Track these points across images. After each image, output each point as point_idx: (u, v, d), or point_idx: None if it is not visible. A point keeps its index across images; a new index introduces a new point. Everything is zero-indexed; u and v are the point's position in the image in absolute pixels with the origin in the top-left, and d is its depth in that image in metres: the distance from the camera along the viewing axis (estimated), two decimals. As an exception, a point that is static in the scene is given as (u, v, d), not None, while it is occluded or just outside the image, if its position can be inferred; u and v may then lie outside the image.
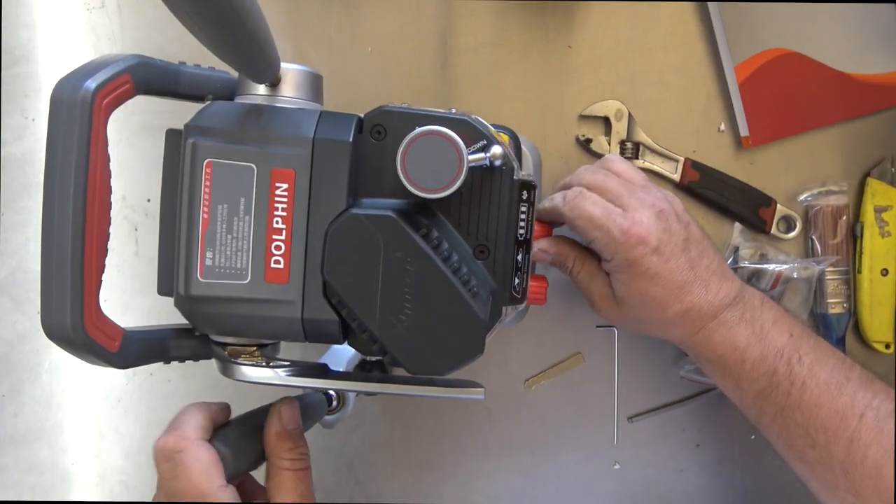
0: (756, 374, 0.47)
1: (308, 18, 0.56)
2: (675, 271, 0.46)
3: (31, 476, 0.58)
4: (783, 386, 0.46)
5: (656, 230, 0.45)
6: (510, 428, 0.60)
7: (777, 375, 0.46)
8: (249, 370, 0.39)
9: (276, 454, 0.41)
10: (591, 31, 0.57)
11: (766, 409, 0.47)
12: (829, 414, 0.45)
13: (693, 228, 0.48)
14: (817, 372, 0.45)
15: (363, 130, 0.39)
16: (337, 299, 0.37)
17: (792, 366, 0.46)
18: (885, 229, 0.57)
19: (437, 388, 0.41)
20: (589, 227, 0.46)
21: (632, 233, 0.45)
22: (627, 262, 0.45)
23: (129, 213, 0.57)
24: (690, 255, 0.46)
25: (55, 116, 0.33)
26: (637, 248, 0.45)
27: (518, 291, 0.42)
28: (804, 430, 0.46)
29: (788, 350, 0.46)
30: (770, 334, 0.47)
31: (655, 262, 0.45)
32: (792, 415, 0.46)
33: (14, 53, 0.56)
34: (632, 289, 0.47)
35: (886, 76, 0.58)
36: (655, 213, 0.46)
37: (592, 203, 0.46)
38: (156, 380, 0.58)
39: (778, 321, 0.47)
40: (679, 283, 0.46)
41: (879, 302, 0.58)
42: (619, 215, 0.45)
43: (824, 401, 0.45)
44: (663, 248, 0.45)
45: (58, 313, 0.33)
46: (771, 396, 0.46)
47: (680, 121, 0.58)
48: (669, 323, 0.47)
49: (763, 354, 0.46)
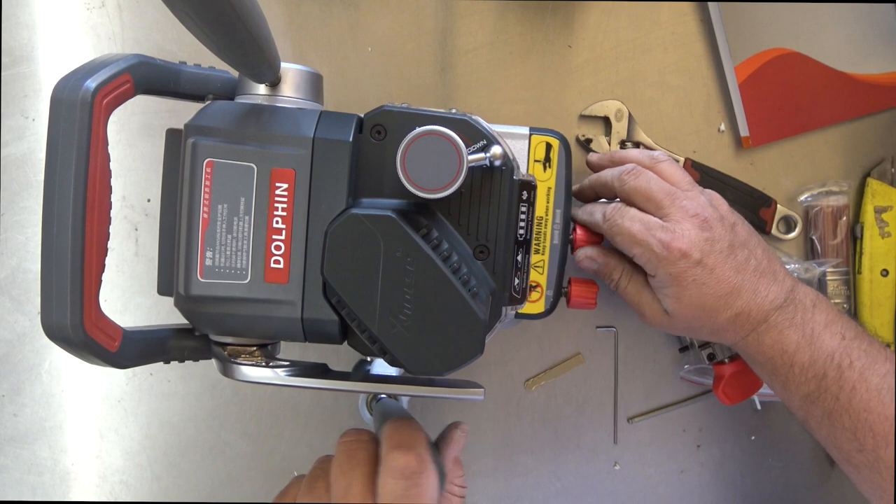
0: (805, 377, 0.46)
1: (308, 18, 0.57)
2: (721, 280, 0.45)
3: (31, 476, 0.58)
4: (832, 390, 0.45)
5: (698, 241, 0.44)
6: (510, 428, 0.60)
7: (826, 379, 0.45)
8: (249, 370, 0.39)
9: (450, 479, 0.41)
10: (591, 31, 0.57)
11: (814, 412, 0.47)
12: (879, 419, 0.44)
13: (739, 230, 0.47)
14: (868, 377, 0.45)
15: (363, 130, 0.39)
16: (337, 299, 0.37)
17: (842, 370, 0.45)
18: (885, 230, 0.57)
19: (436, 389, 0.41)
20: (629, 243, 0.45)
21: (673, 247, 0.44)
22: (671, 276, 0.45)
23: (129, 213, 0.57)
24: (737, 260, 0.45)
25: (55, 116, 0.33)
26: (679, 262, 0.44)
27: (518, 291, 0.42)
28: (852, 434, 0.45)
29: (839, 354, 0.45)
30: (821, 337, 0.46)
31: (700, 274, 0.45)
32: (840, 418, 0.45)
33: (14, 53, 0.56)
34: (680, 302, 0.46)
35: (886, 76, 0.58)
36: (699, 223, 0.45)
37: (631, 219, 0.45)
38: (156, 380, 0.58)
39: (831, 323, 0.46)
40: (727, 291, 0.45)
41: (879, 302, 0.58)
42: (659, 229, 0.44)
43: (874, 405, 0.44)
44: (707, 258, 0.44)
45: (58, 313, 0.33)
46: (819, 400, 0.46)
47: (680, 121, 0.58)
48: (721, 329, 0.47)
49: (813, 358, 0.46)
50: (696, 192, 0.47)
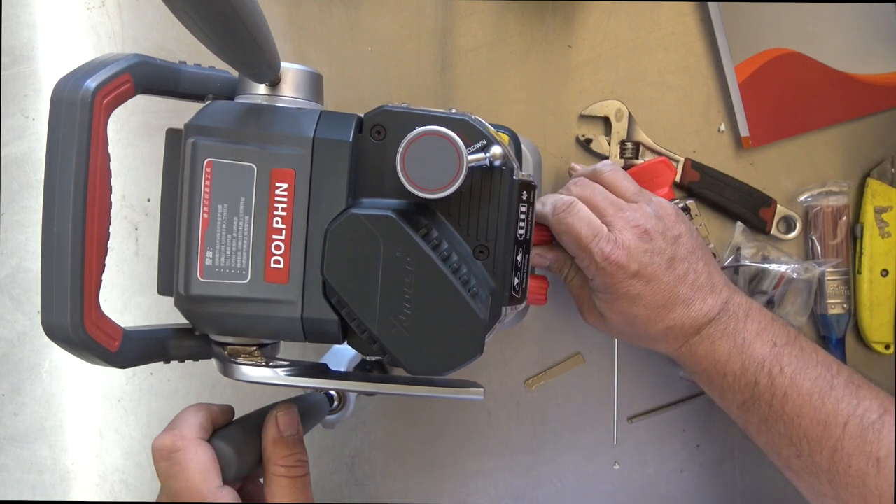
0: (738, 386, 0.47)
1: (308, 19, 0.57)
2: (656, 292, 0.46)
3: (31, 476, 0.58)
4: (765, 397, 0.46)
5: (637, 252, 0.45)
6: (510, 428, 0.60)
7: (758, 387, 0.46)
8: (249, 370, 0.39)
9: (272, 461, 0.40)
10: (591, 31, 0.57)
11: (751, 419, 0.48)
12: (812, 424, 0.45)
13: (683, 242, 0.47)
14: (799, 382, 0.45)
15: (363, 130, 0.38)
16: (336, 299, 0.37)
17: (773, 377, 0.46)
18: (885, 230, 0.57)
19: (436, 389, 0.41)
20: (572, 245, 0.46)
21: (612, 259, 0.45)
22: (607, 285, 0.46)
23: (129, 213, 0.57)
24: (675, 273, 0.46)
25: (55, 116, 0.33)
26: (617, 274, 0.45)
27: (517, 291, 0.42)
28: (788, 440, 0.46)
29: (770, 361, 0.46)
30: (752, 346, 0.46)
31: (635, 285, 0.45)
32: (775, 425, 0.46)
33: (14, 53, 0.56)
34: (613, 308, 0.47)
35: (887, 76, 0.58)
36: (639, 233, 0.45)
37: (579, 219, 0.46)
38: (156, 380, 0.58)
39: (762, 332, 0.47)
40: (661, 304, 0.46)
41: (879, 303, 0.58)
42: (602, 238, 0.45)
43: (806, 411, 0.45)
44: (644, 270, 0.45)
45: (58, 313, 0.33)
46: (754, 407, 0.47)
47: (680, 121, 0.58)
48: (653, 339, 0.48)
49: (744, 367, 0.46)
50: (643, 203, 0.48)
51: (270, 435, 0.41)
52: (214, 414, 0.41)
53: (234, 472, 0.40)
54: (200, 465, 0.38)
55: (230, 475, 0.39)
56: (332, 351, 0.53)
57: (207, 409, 0.41)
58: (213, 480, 0.38)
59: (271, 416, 0.41)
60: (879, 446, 0.43)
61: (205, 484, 0.37)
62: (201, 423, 0.40)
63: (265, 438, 0.41)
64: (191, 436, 0.39)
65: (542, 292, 0.47)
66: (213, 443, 0.39)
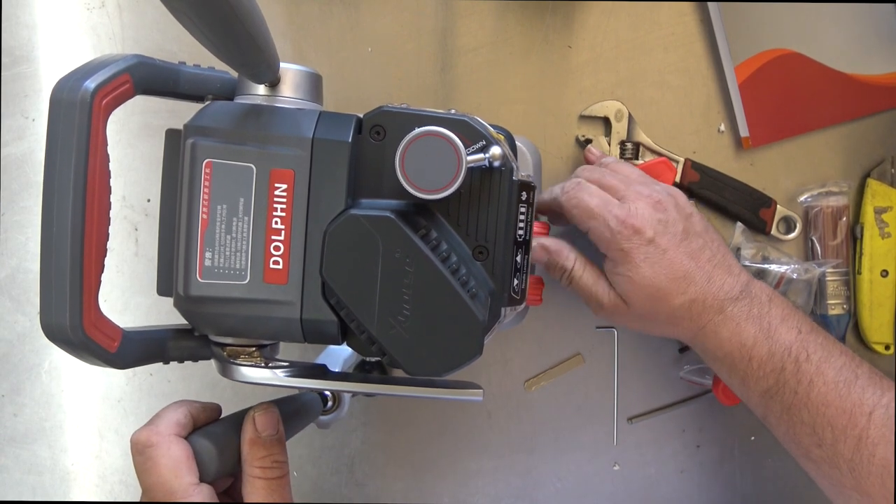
0: (763, 371, 0.46)
1: (308, 19, 0.57)
2: (674, 262, 0.45)
3: (31, 476, 0.58)
4: (790, 384, 0.45)
5: (652, 220, 0.45)
6: (510, 429, 0.60)
7: (784, 373, 0.46)
8: (248, 371, 0.39)
9: (248, 462, 0.40)
10: (591, 31, 0.57)
11: (773, 408, 0.47)
12: (837, 412, 0.44)
13: (695, 220, 0.47)
14: (825, 370, 0.45)
15: (362, 131, 0.38)
16: (336, 300, 0.37)
17: (800, 364, 0.45)
18: (885, 230, 0.57)
19: (436, 390, 0.41)
20: (585, 216, 0.46)
21: (627, 223, 0.45)
22: (624, 252, 0.45)
23: (128, 213, 0.57)
24: (691, 247, 0.46)
25: (55, 116, 0.33)
26: (633, 238, 0.45)
27: (517, 292, 0.42)
28: (811, 429, 0.45)
29: (797, 347, 0.46)
30: (778, 331, 0.46)
31: (652, 252, 0.45)
32: (799, 413, 0.45)
33: (14, 53, 0.56)
34: (633, 282, 0.46)
35: (887, 77, 0.58)
36: (652, 203, 0.46)
37: (590, 193, 0.46)
38: (155, 380, 0.58)
39: (787, 318, 0.47)
40: (680, 274, 0.46)
41: (879, 303, 0.58)
42: (615, 206, 0.46)
43: (832, 399, 0.44)
44: (660, 238, 0.45)
45: (57, 313, 0.33)
46: (778, 395, 0.46)
47: (680, 121, 0.58)
48: (676, 317, 0.47)
49: (771, 352, 0.46)
50: (652, 182, 0.49)
51: (248, 435, 0.40)
52: (196, 411, 0.41)
53: (215, 470, 0.39)
54: (171, 461, 0.37)
55: (210, 472, 0.39)
56: (327, 351, 0.53)
57: (188, 405, 0.41)
58: (185, 477, 0.37)
59: (249, 416, 0.41)
60: None
61: (176, 480, 0.37)
62: (178, 420, 0.40)
63: (242, 439, 0.40)
64: (166, 432, 0.38)
65: (538, 293, 0.47)
66: (191, 440, 0.39)
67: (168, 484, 0.37)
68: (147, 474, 0.38)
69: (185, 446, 0.38)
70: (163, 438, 0.38)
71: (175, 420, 0.39)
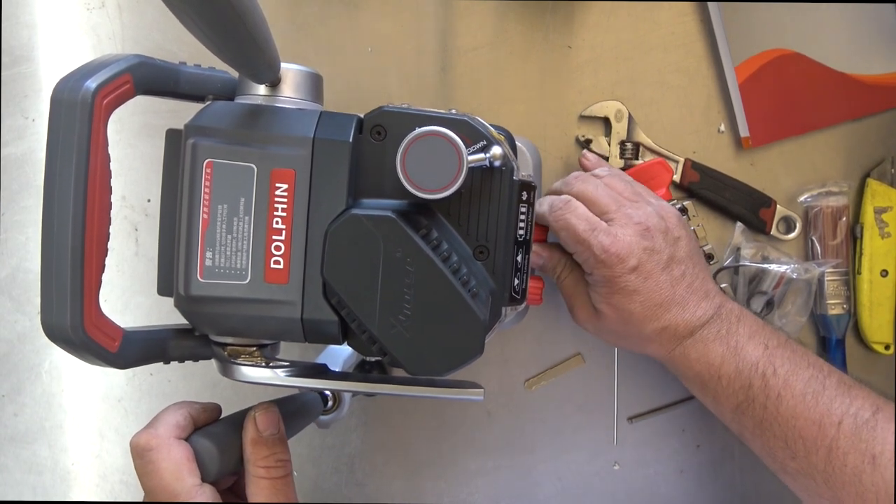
0: (732, 389, 0.47)
1: (308, 19, 0.57)
2: (653, 290, 0.46)
3: (31, 476, 0.58)
4: (759, 399, 0.46)
5: (637, 249, 0.45)
6: (510, 428, 0.60)
7: (752, 389, 0.46)
8: (249, 370, 0.39)
9: (251, 461, 0.40)
10: (591, 31, 0.57)
11: (746, 423, 0.48)
12: (807, 424, 0.45)
13: (682, 245, 0.47)
14: (792, 383, 0.45)
15: (363, 131, 0.38)
16: (336, 299, 0.37)
17: (767, 379, 0.46)
18: (884, 230, 0.57)
19: (436, 389, 0.41)
20: (571, 240, 0.46)
21: (611, 251, 0.45)
22: (605, 278, 0.46)
23: (129, 213, 0.57)
24: (672, 275, 0.46)
25: (55, 116, 0.33)
26: (616, 266, 0.45)
27: (517, 292, 0.42)
28: (783, 442, 0.46)
29: (763, 363, 0.46)
30: (745, 349, 0.47)
31: (633, 281, 0.45)
32: (770, 427, 0.46)
33: (14, 53, 0.56)
34: (610, 303, 0.47)
35: (887, 77, 0.58)
36: (640, 231, 0.46)
37: (577, 216, 0.46)
38: (156, 380, 0.58)
39: (754, 335, 0.47)
40: (657, 302, 0.46)
41: (879, 303, 0.58)
42: (602, 232, 0.45)
43: (801, 411, 0.45)
44: (643, 267, 0.45)
45: (58, 313, 0.33)
46: (748, 410, 0.47)
47: (680, 121, 0.58)
48: (646, 339, 0.48)
49: (738, 369, 0.46)
50: (643, 203, 0.48)
51: (250, 435, 0.40)
52: (196, 412, 0.41)
53: (217, 470, 0.39)
54: (172, 464, 0.37)
55: (212, 473, 0.39)
56: (327, 351, 0.53)
57: (188, 406, 0.41)
58: (187, 479, 0.37)
59: (250, 416, 0.41)
60: (874, 443, 0.43)
61: (178, 483, 0.37)
62: (178, 422, 0.40)
63: (244, 439, 0.40)
64: (165, 434, 0.38)
65: (538, 292, 0.48)
66: (192, 441, 0.39)
67: (170, 486, 0.37)
68: (148, 478, 0.38)
69: (185, 448, 0.38)
70: (162, 441, 0.38)
71: (174, 422, 0.39)
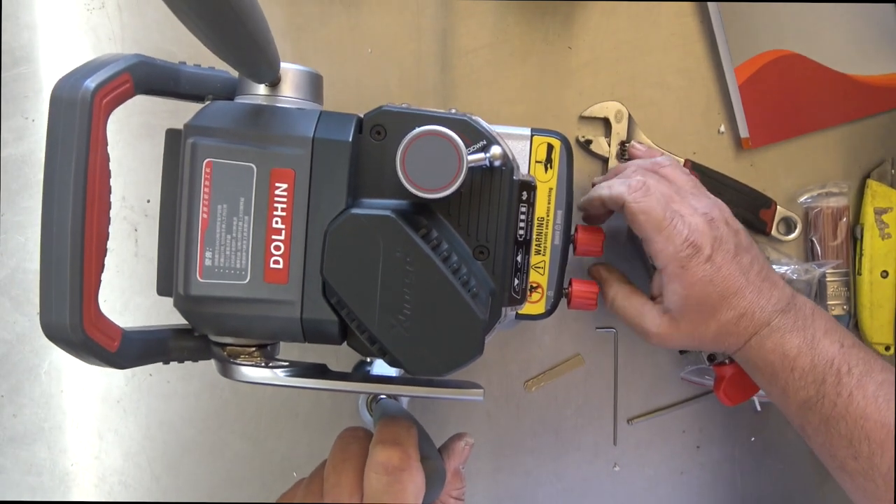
0: (804, 382, 0.46)
1: (308, 18, 0.57)
2: (727, 278, 0.46)
3: (30, 477, 0.58)
4: (830, 396, 0.46)
5: (709, 237, 0.45)
6: (510, 429, 0.60)
7: (825, 385, 0.46)
8: (248, 370, 0.39)
9: (447, 490, 0.41)
10: (591, 32, 0.57)
11: (811, 419, 0.47)
12: (876, 426, 0.44)
13: (742, 236, 0.48)
14: (866, 384, 0.45)
15: (363, 130, 0.39)
16: (336, 299, 0.37)
17: (841, 376, 0.45)
18: (885, 231, 0.57)
19: (436, 389, 0.41)
20: (651, 227, 0.46)
21: (689, 240, 0.45)
22: (682, 269, 0.45)
23: (128, 214, 0.57)
24: (741, 262, 0.46)
25: (55, 116, 0.33)
26: (693, 256, 0.45)
27: (517, 292, 0.42)
28: (848, 441, 0.45)
29: (839, 360, 0.46)
30: (821, 344, 0.46)
31: (708, 270, 0.45)
32: (836, 425, 0.46)
33: (14, 54, 0.56)
34: (686, 298, 0.46)
35: (886, 77, 0.58)
36: (707, 220, 0.46)
37: (657, 201, 0.46)
38: (155, 380, 0.58)
39: (829, 331, 0.47)
40: (732, 289, 0.46)
41: (879, 304, 0.58)
42: (679, 220, 0.45)
43: (871, 412, 0.45)
44: (715, 255, 0.45)
45: (57, 313, 0.33)
46: (817, 406, 0.46)
47: (680, 122, 0.58)
48: (724, 332, 0.47)
49: (813, 363, 0.46)
50: (702, 195, 0.48)
51: (454, 464, 0.41)
52: None
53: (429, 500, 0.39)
54: (418, 489, 0.37)
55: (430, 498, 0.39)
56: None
57: (414, 423, 0.41)
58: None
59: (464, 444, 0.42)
60: None
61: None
62: (416, 444, 0.39)
63: (448, 466, 0.41)
64: (415, 456, 0.38)
65: (593, 297, 0.48)
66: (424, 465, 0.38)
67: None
68: (389, 496, 0.37)
69: (423, 475, 0.38)
70: (414, 465, 0.37)
71: (416, 444, 0.39)
